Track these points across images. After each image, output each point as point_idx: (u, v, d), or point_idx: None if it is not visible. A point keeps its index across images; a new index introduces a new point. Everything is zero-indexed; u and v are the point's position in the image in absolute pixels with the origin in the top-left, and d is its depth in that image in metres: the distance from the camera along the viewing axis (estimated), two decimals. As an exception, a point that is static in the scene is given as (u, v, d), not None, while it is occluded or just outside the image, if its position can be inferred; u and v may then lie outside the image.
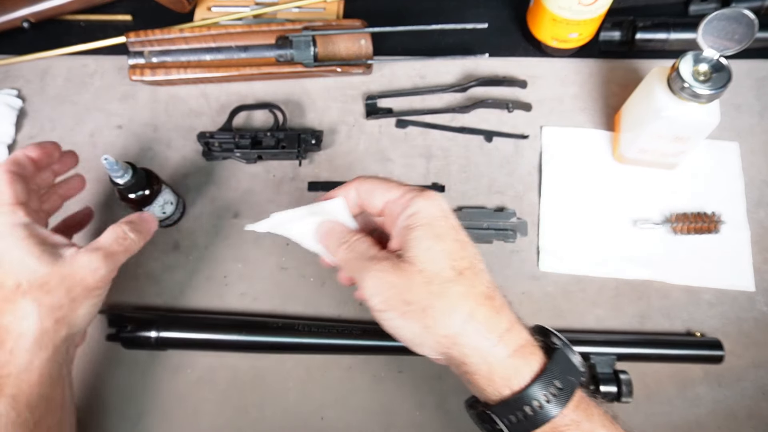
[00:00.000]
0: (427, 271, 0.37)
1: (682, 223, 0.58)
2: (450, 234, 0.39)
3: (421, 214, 0.39)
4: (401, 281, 0.37)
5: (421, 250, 0.38)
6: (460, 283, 0.37)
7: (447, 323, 0.37)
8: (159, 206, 0.56)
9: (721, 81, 0.49)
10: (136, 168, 0.52)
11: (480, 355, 0.37)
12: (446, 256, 0.38)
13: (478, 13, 0.71)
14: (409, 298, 0.37)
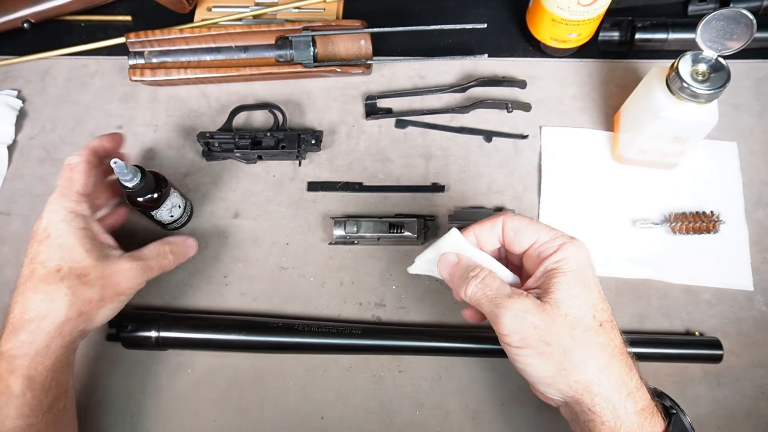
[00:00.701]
0: (571, 316, 0.39)
1: (681, 222, 0.58)
2: (595, 285, 0.41)
3: (571, 260, 0.40)
4: (544, 322, 0.38)
5: (569, 296, 0.39)
6: (601, 334, 0.39)
7: (584, 369, 0.38)
8: (167, 210, 0.56)
9: (720, 81, 0.49)
10: (145, 171, 0.52)
11: (610, 407, 0.38)
12: (591, 306, 0.39)
13: (478, 13, 0.71)
14: (551, 339, 0.38)
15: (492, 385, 0.54)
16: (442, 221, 0.61)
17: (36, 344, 0.43)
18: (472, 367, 0.55)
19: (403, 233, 0.57)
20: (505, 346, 0.40)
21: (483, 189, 0.62)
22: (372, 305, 0.58)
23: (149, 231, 0.61)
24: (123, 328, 0.54)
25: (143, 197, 0.54)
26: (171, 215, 0.57)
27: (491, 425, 0.53)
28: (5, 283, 0.60)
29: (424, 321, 0.57)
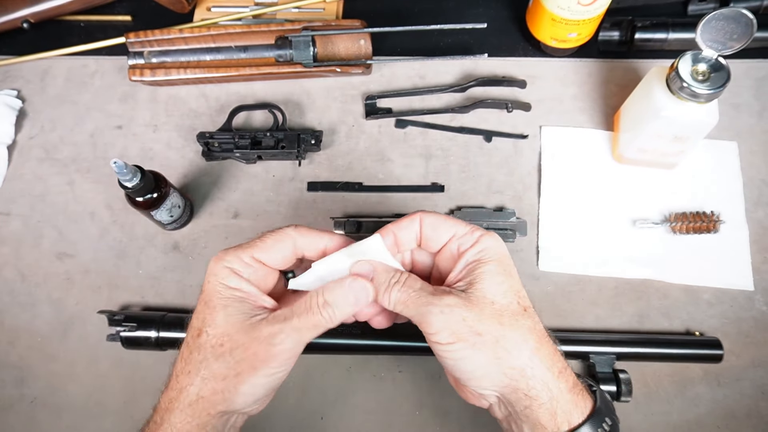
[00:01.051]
0: (498, 303, 0.39)
1: (681, 222, 0.58)
2: (515, 273, 0.41)
3: (492, 250, 0.40)
4: (472, 314, 0.38)
5: (493, 284, 0.39)
6: (527, 318, 0.39)
7: (517, 354, 0.38)
8: (167, 210, 0.56)
9: (720, 81, 0.49)
10: (145, 171, 0.52)
11: (545, 388, 0.38)
12: (515, 292, 0.40)
13: (478, 13, 0.71)
14: (481, 329, 0.37)
15: (492, 385, 0.54)
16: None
17: (171, 422, 0.38)
18: (472, 367, 0.55)
19: (403, 233, 0.57)
20: (435, 346, 0.39)
21: (483, 189, 0.62)
22: (372, 305, 0.58)
23: (150, 232, 0.61)
24: (123, 328, 0.54)
25: (143, 197, 0.54)
26: (171, 215, 0.57)
27: (491, 425, 0.53)
28: (5, 283, 0.60)
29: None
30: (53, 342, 0.57)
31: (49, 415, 0.55)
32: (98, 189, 0.63)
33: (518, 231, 0.60)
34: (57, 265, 0.60)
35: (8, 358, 0.57)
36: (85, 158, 0.65)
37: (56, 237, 0.61)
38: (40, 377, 0.56)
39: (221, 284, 0.40)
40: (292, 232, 0.42)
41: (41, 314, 0.58)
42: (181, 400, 0.38)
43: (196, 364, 0.38)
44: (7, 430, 0.55)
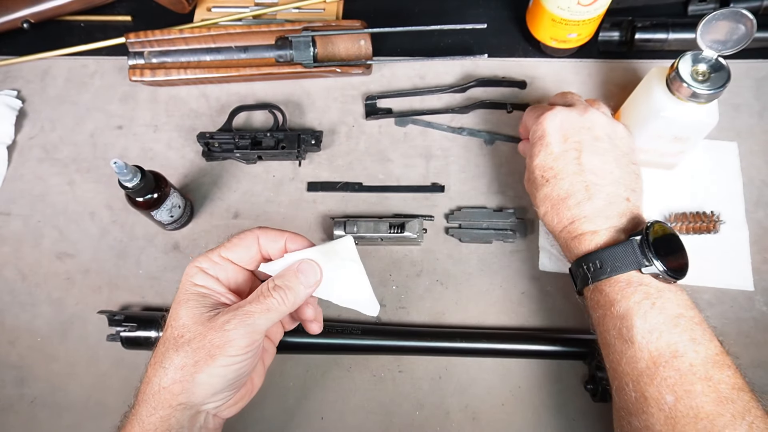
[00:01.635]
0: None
1: (681, 222, 0.58)
2: (539, 148, 0.51)
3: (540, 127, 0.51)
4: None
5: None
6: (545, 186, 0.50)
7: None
8: (167, 210, 0.56)
9: (720, 81, 0.49)
10: (145, 171, 0.52)
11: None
12: (540, 168, 0.51)
13: (478, 13, 0.71)
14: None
15: (492, 385, 0.54)
16: (441, 221, 0.61)
17: (139, 414, 0.39)
18: (472, 367, 0.55)
19: (403, 233, 0.57)
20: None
21: (483, 189, 0.62)
22: (372, 305, 0.58)
23: (150, 232, 0.61)
24: (123, 328, 0.54)
25: (143, 197, 0.54)
26: (171, 215, 0.57)
27: (491, 425, 0.53)
28: (5, 283, 0.60)
29: (424, 321, 0.57)
30: (53, 342, 0.57)
31: (49, 415, 0.55)
32: (98, 189, 0.63)
33: (518, 231, 0.60)
34: (57, 265, 0.60)
35: (8, 358, 0.57)
36: (85, 158, 0.65)
37: (56, 237, 0.61)
38: (40, 377, 0.56)
39: (189, 282, 0.42)
40: (257, 231, 0.44)
41: (41, 314, 0.58)
42: (147, 392, 0.39)
43: (160, 356, 0.40)
44: (7, 430, 0.55)
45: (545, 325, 0.57)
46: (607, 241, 0.45)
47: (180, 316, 0.41)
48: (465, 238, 0.59)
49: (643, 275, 0.43)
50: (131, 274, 0.60)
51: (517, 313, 0.57)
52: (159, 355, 0.40)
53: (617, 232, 0.45)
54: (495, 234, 0.59)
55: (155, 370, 0.40)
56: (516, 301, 0.57)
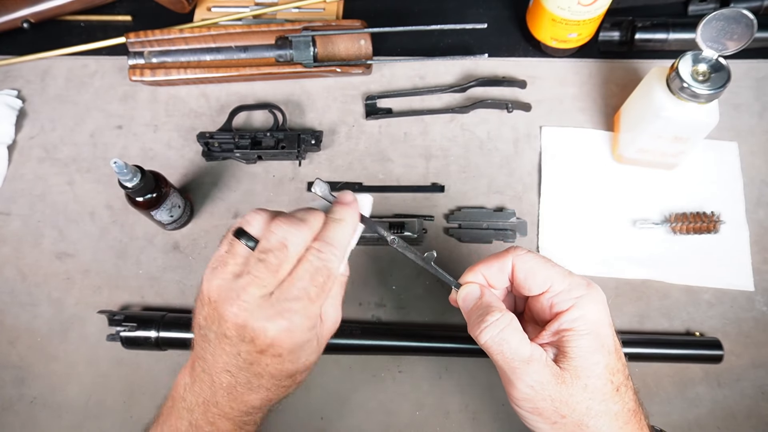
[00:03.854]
0: (591, 387, 0.37)
1: (682, 223, 0.58)
2: (613, 344, 0.38)
3: (588, 318, 0.37)
4: (561, 395, 0.36)
5: (588, 363, 0.37)
6: (617, 402, 0.37)
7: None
8: (167, 210, 0.56)
9: (720, 81, 0.49)
10: (145, 171, 0.52)
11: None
12: (609, 371, 0.37)
13: (478, 13, 0.71)
14: (566, 412, 0.37)
15: (492, 385, 0.54)
16: (441, 221, 0.61)
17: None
18: (472, 367, 0.55)
19: (403, 233, 0.57)
20: (515, 405, 0.39)
21: (483, 189, 0.62)
22: (372, 305, 0.58)
23: (150, 232, 0.61)
24: (123, 328, 0.54)
25: (143, 197, 0.54)
26: (171, 215, 0.57)
27: (491, 425, 0.53)
28: (5, 283, 0.60)
29: (424, 321, 0.57)
30: (53, 342, 0.57)
31: (49, 415, 0.55)
32: (98, 189, 0.63)
33: (518, 231, 0.60)
34: (57, 265, 0.60)
35: (8, 358, 0.57)
36: (85, 158, 0.65)
37: (56, 237, 0.61)
38: (40, 377, 0.56)
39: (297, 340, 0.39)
40: (335, 260, 0.39)
41: (41, 314, 0.58)
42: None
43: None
44: (7, 430, 0.55)
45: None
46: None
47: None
48: (465, 238, 0.59)
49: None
50: (131, 274, 0.60)
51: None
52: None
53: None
54: (495, 234, 0.59)
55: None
56: (516, 301, 0.57)
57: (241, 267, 0.37)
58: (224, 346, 0.37)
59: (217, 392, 0.38)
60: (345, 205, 0.41)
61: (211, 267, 0.38)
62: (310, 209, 0.40)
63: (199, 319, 0.39)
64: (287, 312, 0.36)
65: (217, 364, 0.38)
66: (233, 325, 0.36)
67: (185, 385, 0.40)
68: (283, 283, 0.37)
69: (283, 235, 0.37)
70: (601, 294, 0.39)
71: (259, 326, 0.36)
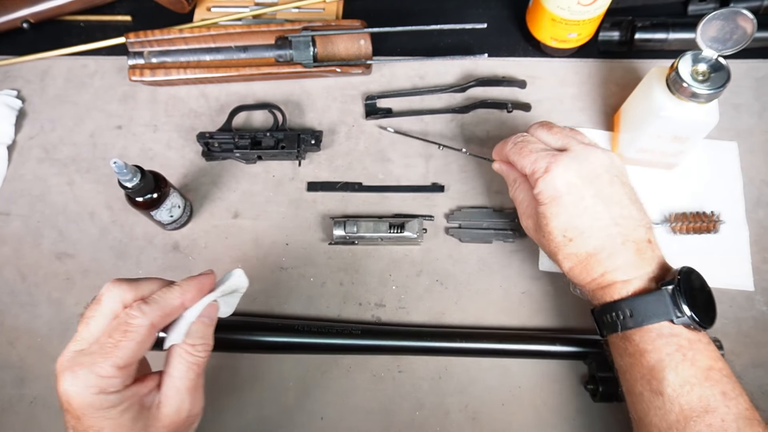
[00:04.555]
0: (555, 242, 0.48)
1: (681, 222, 0.58)
2: (571, 206, 0.47)
3: (545, 194, 0.47)
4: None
5: (549, 226, 0.48)
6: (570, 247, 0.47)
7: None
8: (167, 210, 0.56)
9: (720, 81, 0.49)
10: (145, 171, 0.52)
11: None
12: (562, 230, 0.47)
13: (477, 13, 0.71)
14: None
15: (492, 385, 0.54)
16: (441, 221, 0.61)
17: None
18: (472, 367, 0.55)
19: (403, 233, 0.57)
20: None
21: (483, 189, 0.62)
22: (372, 305, 0.58)
23: (150, 232, 0.61)
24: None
25: (143, 197, 0.54)
26: (171, 215, 0.57)
27: (491, 425, 0.53)
28: (5, 284, 0.60)
29: (424, 321, 0.57)
30: (53, 342, 0.57)
31: (49, 415, 0.55)
32: (98, 189, 0.63)
33: (518, 231, 0.59)
34: (57, 265, 0.60)
35: (8, 358, 0.57)
36: (85, 158, 0.65)
37: (56, 237, 0.61)
38: (40, 377, 0.56)
39: (92, 408, 0.36)
40: (146, 320, 0.37)
41: (41, 314, 0.58)
42: None
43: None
44: (7, 430, 0.55)
45: (545, 325, 0.56)
46: (638, 289, 0.44)
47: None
48: (465, 238, 0.59)
49: (675, 326, 0.42)
50: (131, 274, 0.60)
51: (517, 313, 0.57)
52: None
53: (649, 281, 0.44)
54: (495, 234, 0.59)
55: None
56: (516, 301, 0.57)
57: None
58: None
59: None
60: (193, 277, 0.42)
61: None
62: (156, 279, 0.41)
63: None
64: (77, 366, 0.36)
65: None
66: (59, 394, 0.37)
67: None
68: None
69: (102, 291, 0.38)
70: (562, 164, 0.47)
71: (59, 380, 0.36)
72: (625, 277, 0.45)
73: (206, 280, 0.42)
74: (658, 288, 0.43)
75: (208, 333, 0.41)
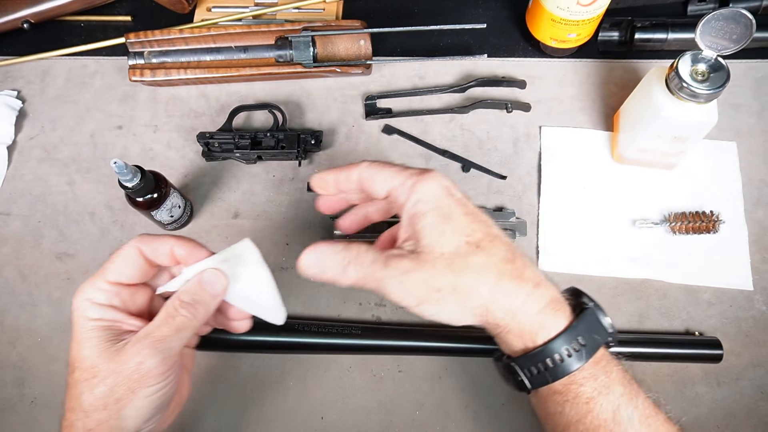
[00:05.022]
0: (447, 253, 0.38)
1: (681, 222, 0.58)
2: (458, 210, 0.39)
3: (426, 198, 0.39)
4: (426, 273, 0.38)
5: (435, 235, 0.38)
6: (479, 255, 0.38)
7: (476, 295, 0.38)
8: (167, 210, 0.56)
9: (720, 81, 0.49)
10: (145, 171, 0.52)
11: (511, 316, 0.38)
12: (460, 233, 0.38)
13: (477, 13, 0.71)
14: (439, 284, 0.38)
15: (492, 385, 0.54)
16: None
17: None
18: (472, 367, 0.55)
19: (403, 233, 0.57)
20: (406, 308, 0.39)
21: (483, 189, 0.62)
22: (372, 305, 0.58)
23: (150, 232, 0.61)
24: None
25: (143, 197, 0.54)
26: (171, 215, 0.57)
27: (491, 425, 0.53)
28: (5, 284, 0.60)
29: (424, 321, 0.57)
30: (53, 342, 0.57)
31: (49, 415, 0.55)
32: (98, 189, 0.63)
33: (518, 231, 0.60)
34: (57, 265, 0.60)
35: (8, 358, 0.57)
36: (85, 158, 0.65)
37: (56, 237, 0.61)
38: (40, 377, 0.56)
39: (83, 317, 0.39)
40: (135, 242, 0.41)
41: (41, 314, 0.58)
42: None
43: (76, 399, 0.38)
44: (7, 430, 0.55)
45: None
46: (565, 315, 0.39)
47: (85, 356, 0.38)
48: (465, 238, 0.59)
49: (607, 352, 0.39)
50: (131, 274, 0.60)
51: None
52: (74, 399, 0.38)
53: (557, 303, 0.40)
54: (495, 234, 0.59)
55: (75, 414, 0.38)
56: (516, 300, 0.57)
57: None
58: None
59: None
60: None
61: None
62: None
63: None
64: (83, 284, 0.41)
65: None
66: None
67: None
68: None
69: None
70: (435, 173, 0.40)
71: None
72: (548, 295, 0.40)
73: (203, 248, 0.42)
74: (573, 309, 0.40)
75: (201, 297, 0.40)
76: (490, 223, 0.40)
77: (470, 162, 0.63)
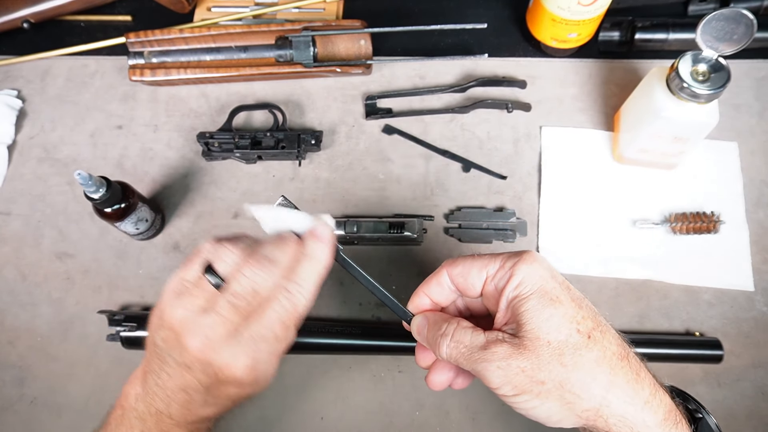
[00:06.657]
0: (554, 342, 0.34)
1: (682, 223, 0.58)
2: (565, 294, 0.36)
3: (529, 280, 0.36)
4: (529, 362, 0.34)
5: (541, 321, 0.35)
6: (592, 348, 0.34)
7: (588, 396, 0.34)
8: (132, 223, 0.56)
9: (720, 81, 0.49)
10: (111, 182, 0.52)
11: (627, 425, 0.34)
12: (569, 321, 0.35)
13: (478, 13, 0.71)
14: (542, 377, 0.34)
15: (492, 385, 0.54)
16: (441, 221, 0.61)
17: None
18: (472, 368, 0.55)
19: (403, 233, 0.57)
20: (501, 398, 0.36)
21: (483, 189, 0.62)
22: (372, 305, 0.58)
23: (149, 231, 0.61)
24: (123, 328, 0.54)
25: (110, 208, 0.53)
26: (136, 228, 0.57)
27: (491, 425, 0.53)
28: (5, 283, 0.60)
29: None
30: (53, 342, 0.57)
31: (49, 415, 0.55)
32: (98, 189, 0.63)
33: (518, 231, 0.60)
34: (57, 265, 0.60)
35: (8, 358, 0.57)
36: (85, 158, 0.65)
37: (56, 237, 0.61)
38: (40, 377, 0.56)
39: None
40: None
41: (41, 314, 0.58)
42: None
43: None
44: (7, 430, 0.55)
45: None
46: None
47: None
48: (465, 238, 0.60)
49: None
50: (131, 274, 0.60)
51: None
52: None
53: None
54: (495, 234, 0.59)
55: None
56: (516, 301, 0.57)
57: (207, 302, 0.36)
58: (184, 373, 0.37)
59: (171, 405, 0.38)
60: (320, 242, 0.39)
61: (174, 291, 0.37)
62: (281, 240, 0.39)
63: (156, 338, 0.38)
64: (253, 352, 0.37)
65: (174, 383, 0.37)
66: (196, 359, 0.36)
67: (136, 395, 0.40)
68: (251, 322, 0.37)
69: (254, 279, 0.37)
70: (534, 254, 0.37)
71: (224, 363, 0.36)
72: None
73: (332, 247, 0.41)
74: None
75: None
76: (596, 311, 0.37)
77: (470, 162, 0.63)
